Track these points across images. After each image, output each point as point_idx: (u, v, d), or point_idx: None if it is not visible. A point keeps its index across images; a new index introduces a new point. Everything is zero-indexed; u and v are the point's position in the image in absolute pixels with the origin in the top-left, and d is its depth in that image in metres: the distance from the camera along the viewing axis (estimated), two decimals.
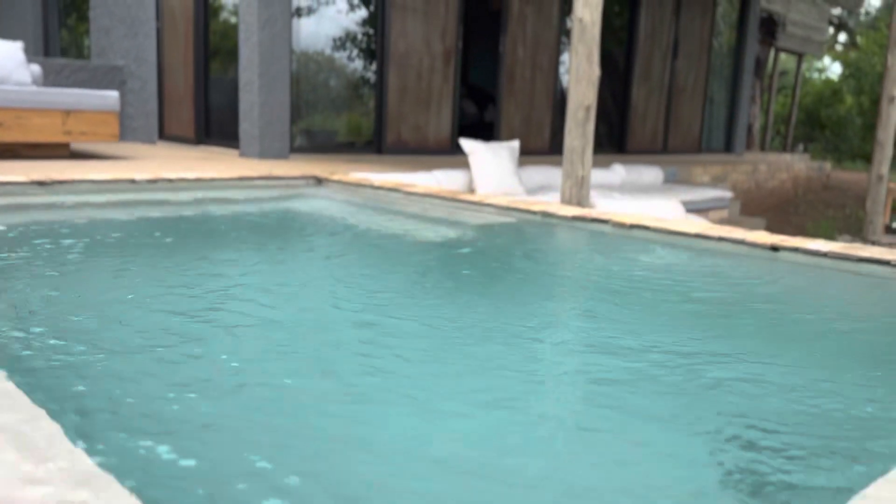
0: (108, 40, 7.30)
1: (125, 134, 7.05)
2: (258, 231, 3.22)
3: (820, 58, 18.05)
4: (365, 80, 6.55)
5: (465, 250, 3.01)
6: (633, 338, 1.79)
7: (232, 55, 6.02)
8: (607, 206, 4.12)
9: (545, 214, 3.58)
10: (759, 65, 15.00)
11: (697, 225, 3.15)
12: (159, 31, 6.60)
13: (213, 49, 6.26)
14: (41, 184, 3.67)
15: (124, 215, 3.36)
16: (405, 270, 2.57)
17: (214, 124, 6.31)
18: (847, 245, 2.77)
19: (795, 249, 2.76)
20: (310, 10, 5.99)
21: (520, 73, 7.64)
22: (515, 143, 5.97)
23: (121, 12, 7.05)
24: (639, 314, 2.06)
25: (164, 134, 6.75)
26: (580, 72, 3.70)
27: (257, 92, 5.56)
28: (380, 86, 6.40)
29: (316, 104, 6.31)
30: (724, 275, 2.65)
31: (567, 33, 8.10)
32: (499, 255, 2.96)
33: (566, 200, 3.82)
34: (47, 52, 8.92)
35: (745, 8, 10.67)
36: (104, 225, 3.06)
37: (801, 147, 15.97)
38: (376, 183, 4.48)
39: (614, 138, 9.28)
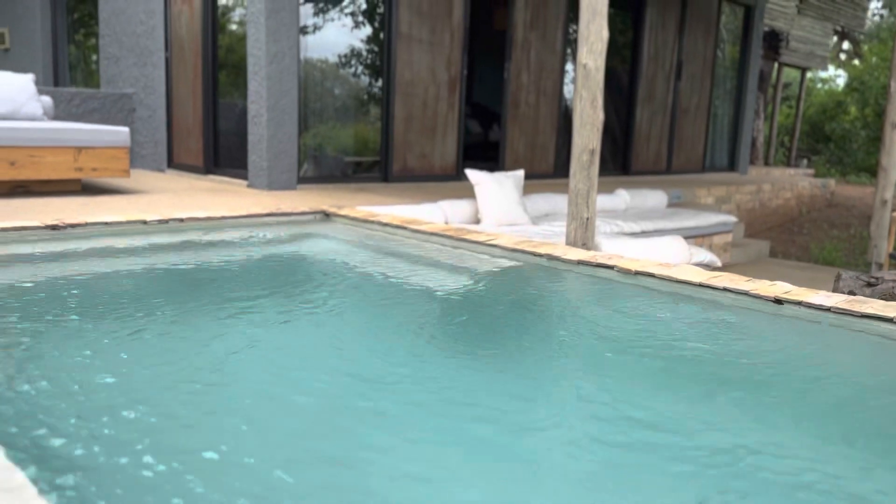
0: (117, 68, 7.39)
1: (134, 161, 7.13)
2: (262, 283, 3.27)
3: (824, 69, 18.10)
4: (372, 106, 6.61)
5: (470, 304, 3.06)
6: (648, 415, 1.83)
7: (241, 85, 6.10)
8: (612, 246, 4.17)
9: (550, 258, 3.63)
10: (763, 78, 15.08)
11: (701, 273, 3.20)
12: (168, 62, 6.69)
13: (222, 80, 6.34)
14: (55, 228, 3.73)
15: (130, 265, 3.41)
16: (404, 332, 2.61)
17: (223, 154, 6.38)
18: (850, 299, 2.81)
19: (798, 303, 2.80)
20: (315, 28, 6.05)
21: (524, 98, 7.70)
22: (520, 173, 6.02)
23: (130, 42, 7.14)
24: (646, 386, 2.11)
25: (174, 162, 6.83)
26: (584, 116, 3.75)
27: (266, 125, 5.63)
28: (385, 115, 6.47)
29: (323, 133, 6.37)
30: (732, 334, 2.69)
31: (572, 42, 8.16)
32: (504, 309, 3.01)
33: (571, 242, 3.87)
34: (57, 75, 9.03)
35: (747, 28, 10.73)
36: (104, 280, 3.12)
37: (804, 162, 16.01)
38: (383, 219, 4.54)
39: (618, 159, 9.33)
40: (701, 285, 3.08)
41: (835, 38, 23.32)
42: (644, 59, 9.22)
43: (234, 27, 6.29)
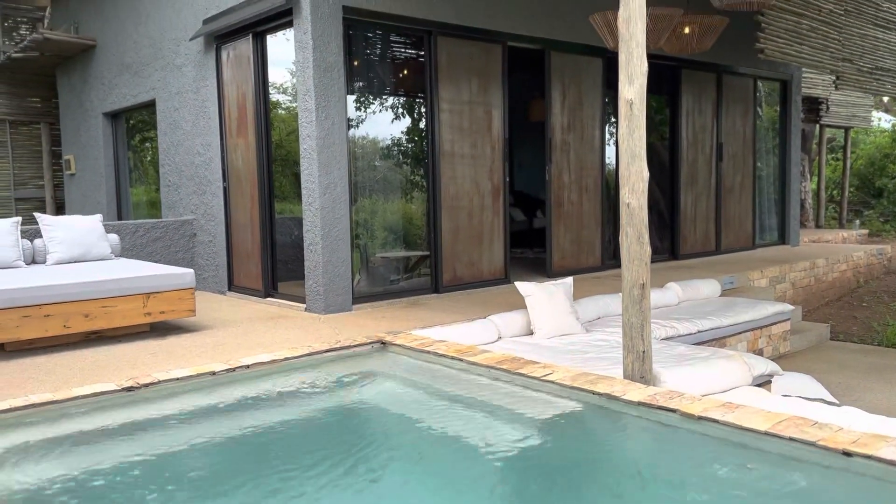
0: (177, 196, 7.79)
1: (197, 283, 7.39)
2: (321, 449, 3.31)
3: (867, 125, 17.87)
4: (420, 218, 6.80)
5: (535, 470, 3.09)
6: None
7: (295, 205, 6.38)
8: (671, 377, 4.17)
9: (610, 397, 3.64)
10: (806, 137, 14.98)
11: (766, 418, 3.17)
12: (226, 191, 7.04)
13: (279, 207, 6.64)
14: (130, 390, 3.92)
15: (197, 435, 3.53)
16: None
17: (281, 278, 6.62)
18: None
19: (868, 457, 2.76)
20: (360, 122, 6.31)
21: (567, 196, 7.83)
22: (569, 280, 6.08)
23: (189, 171, 7.55)
24: None
25: (234, 285, 7.09)
26: (631, 253, 3.83)
27: (321, 252, 5.85)
28: (433, 230, 6.65)
29: (374, 247, 6.57)
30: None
31: (610, 116, 8.29)
32: (572, 477, 3.02)
33: (629, 375, 3.89)
34: (119, 197, 9.54)
35: (785, 103, 10.76)
36: (171, 459, 3.25)
37: (857, 223, 15.67)
38: (439, 349, 4.62)
39: (666, 244, 9.32)
40: (766, 434, 3.06)
41: None
42: (683, 146, 9.31)
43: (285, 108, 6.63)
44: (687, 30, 6.62)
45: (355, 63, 6.29)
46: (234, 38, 6.72)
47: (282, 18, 6.05)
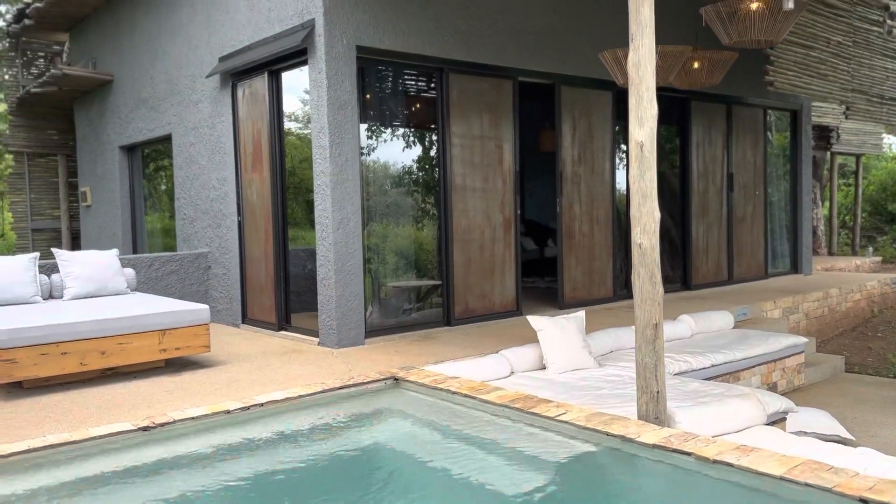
0: (192, 228, 7.89)
1: (211, 316, 7.47)
2: (331, 488, 3.36)
3: (878, 152, 17.85)
4: (431, 243, 6.84)
5: None
6: None
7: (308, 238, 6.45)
8: (685, 417, 4.16)
9: (624, 439, 3.64)
10: (816, 164, 14.98)
11: (781, 462, 3.16)
12: (240, 225, 7.12)
13: (293, 237, 6.72)
14: (146, 429, 3.95)
15: (200, 477, 3.54)
16: None
17: (294, 309, 6.67)
18: None
19: None
20: (372, 150, 6.38)
21: (578, 228, 7.86)
22: (581, 314, 6.09)
23: (204, 205, 7.65)
24: None
25: (247, 317, 7.14)
26: (644, 293, 3.84)
27: (334, 287, 5.90)
28: (445, 263, 6.69)
29: (385, 279, 6.61)
30: None
31: (621, 144, 8.33)
32: None
33: (643, 416, 3.89)
34: (135, 228, 9.66)
35: (795, 132, 10.79)
36: None
37: (870, 250, 15.59)
38: (452, 386, 4.63)
39: (678, 274, 9.31)
40: (782, 479, 3.04)
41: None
42: (694, 177, 9.34)
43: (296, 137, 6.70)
44: (696, 65, 6.69)
45: (367, 97, 6.39)
46: (249, 75, 6.84)
47: (297, 58, 6.16)
